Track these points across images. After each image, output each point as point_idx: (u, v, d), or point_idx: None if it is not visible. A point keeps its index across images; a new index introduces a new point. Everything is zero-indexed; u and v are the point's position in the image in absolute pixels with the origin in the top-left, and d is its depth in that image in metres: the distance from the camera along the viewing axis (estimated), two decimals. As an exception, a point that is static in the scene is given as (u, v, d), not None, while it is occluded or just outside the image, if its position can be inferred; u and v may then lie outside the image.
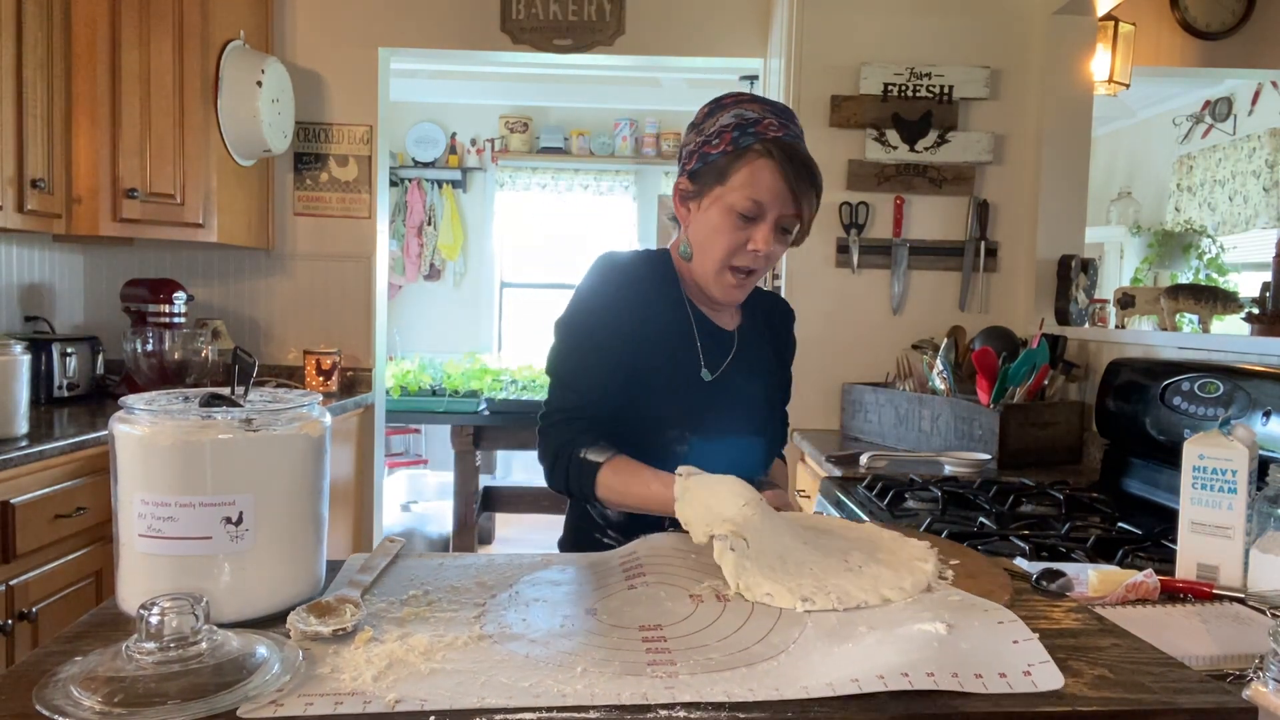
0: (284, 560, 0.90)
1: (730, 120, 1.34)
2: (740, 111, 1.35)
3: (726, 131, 1.33)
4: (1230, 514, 1.23)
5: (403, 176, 6.11)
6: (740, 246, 1.35)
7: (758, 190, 1.32)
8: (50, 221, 2.65)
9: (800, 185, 1.33)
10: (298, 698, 0.71)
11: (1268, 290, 2.23)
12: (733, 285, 1.38)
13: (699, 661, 0.79)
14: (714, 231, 1.36)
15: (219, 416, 0.87)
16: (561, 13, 3.33)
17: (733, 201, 1.33)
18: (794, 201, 1.33)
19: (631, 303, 1.38)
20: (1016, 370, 2.39)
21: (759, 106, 1.36)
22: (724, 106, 1.37)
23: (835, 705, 0.71)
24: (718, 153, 1.33)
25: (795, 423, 3.00)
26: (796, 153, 1.33)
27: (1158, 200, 5.42)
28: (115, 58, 2.74)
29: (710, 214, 1.36)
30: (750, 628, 0.86)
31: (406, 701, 0.70)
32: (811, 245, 2.97)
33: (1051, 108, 2.91)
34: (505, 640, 0.84)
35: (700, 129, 1.38)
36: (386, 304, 3.62)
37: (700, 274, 1.40)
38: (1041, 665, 0.76)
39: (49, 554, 2.13)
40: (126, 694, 0.69)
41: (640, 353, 1.37)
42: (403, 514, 4.91)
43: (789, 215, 1.34)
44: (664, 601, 0.93)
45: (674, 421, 1.38)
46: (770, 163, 1.31)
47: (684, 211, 1.41)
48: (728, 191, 1.33)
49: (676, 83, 5.38)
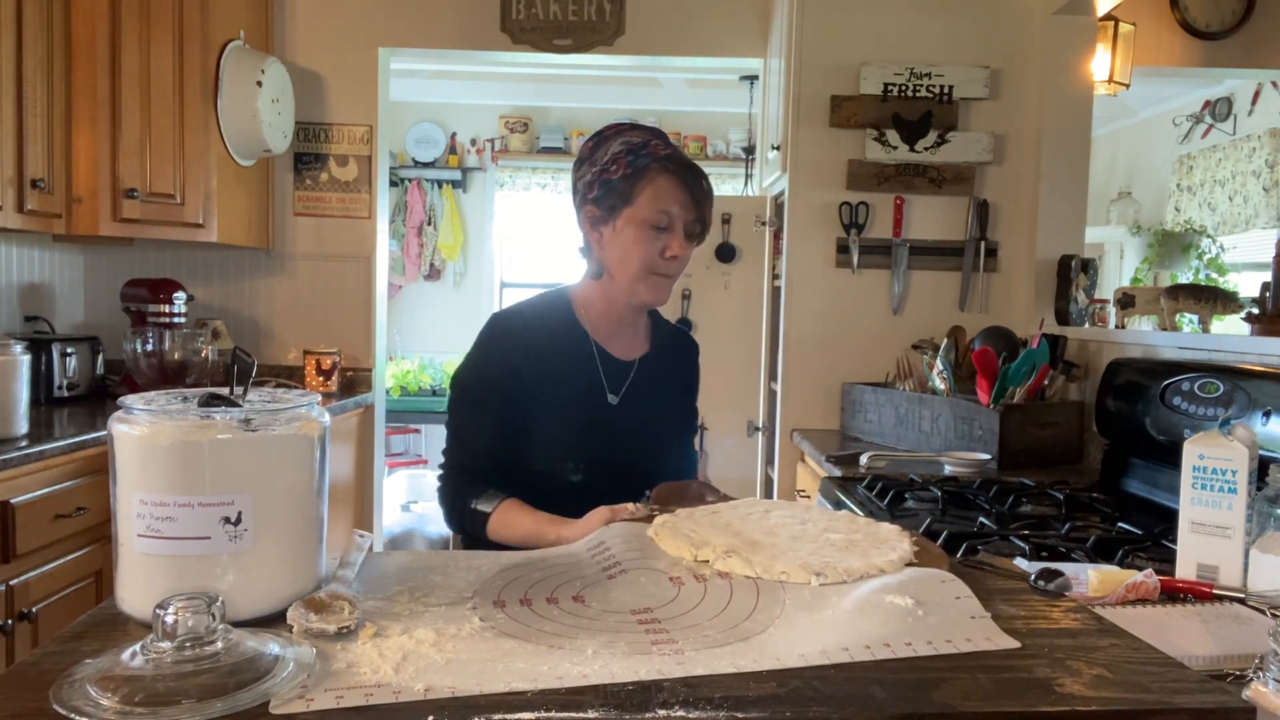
0: (283, 560, 0.90)
1: (620, 147, 1.49)
2: (626, 139, 1.50)
3: (620, 157, 1.48)
4: (1230, 514, 1.23)
5: (403, 176, 6.11)
6: (657, 255, 1.49)
7: (665, 201, 1.47)
8: (50, 221, 2.65)
9: (698, 191, 1.49)
10: (325, 692, 0.71)
11: (1268, 290, 2.23)
12: (658, 284, 1.52)
13: (698, 639, 0.83)
14: (631, 245, 1.49)
15: (218, 416, 0.87)
16: (561, 13, 3.33)
17: (645, 216, 1.47)
18: (696, 206, 1.49)
19: (525, 354, 1.51)
20: (1016, 370, 2.39)
21: (642, 132, 1.53)
22: (607, 138, 1.53)
23: (835, 705, 0.71)
24: (618, 176, 1.48)
25: (795, 422, 3.00)
26: (689, 164, 1.51)
27: (1158, 200, 5.42)
28: (115, 58, 2.74)
29: (625, 232, 1.49)
30: (735, 606, 0.91)
31: (436, 690, 0.71)
32: (812, 245, 2.98)
33: (1051, 108, 2.91)
34: (507, 630, 0.85)
35: (592, 160, 1.52)
36: (386, 304, 3.62)
37: (622, 284, 1.52)
38: (997, 635, 0.86)
39: (49, 554, 2.13)
40: (146, 693, 0.69)
41: (541, 393, 1.49)
42: (403, 514, 4.91)
43: (692, 220, 1.49)
44: (646, 586, 0.97)
45: (573, 450, 1.49)
46: (670, 177, 1.47)
47: (596, 235, 1.54)
48: (638, 209, 1.47)
49: (676, 83, 5.38)
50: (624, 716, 0.69)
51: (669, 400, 1.65)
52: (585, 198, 1.53)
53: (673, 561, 1.03)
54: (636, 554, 1.05)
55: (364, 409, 3.45)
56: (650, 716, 0.69)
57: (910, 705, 0.72)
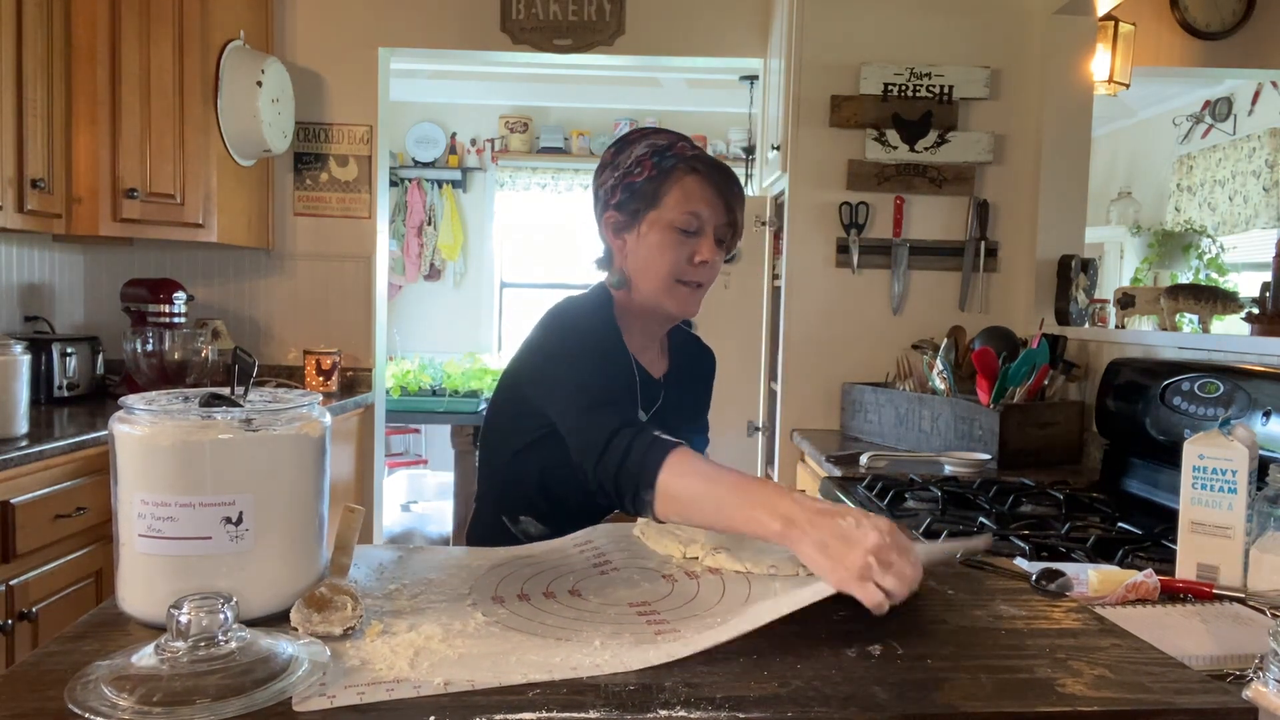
0: (284, 560, 0.90)
1: (645, 150, 1.40)
2: (651, 141, 1.41)
3: (644, 159, 1.39)
4: (1230, 514, 1.23)
5: (403, 176, 6.10)
6: (685, 261, 1.38)
7: (693, 203, 1.37)
8: (50, 221, 2.65)
9: (730, 193, 1.39)
10: (345, 689, 0.71)
11: (1268, 290, 2.23)
12: (687, 295, 1.41)
13: (700, 626, 0.84)
14: (657, 250, 1.38)
15: (219, 416, 0.87)
16: (561, 13, 3.33)
17: (672, 219, 1.37)
18: (727, 209, 1.39)
19: (617, 343, 1.40)
20: (1016, 370, 2.39)
21: (667, 135, 1.43)
22: (631, 141, 1.43)
23: (836, 705, 0.71)
24: (642, 179, 1.38)
25: (795, 422, 3.00)
26: (720, 165, 1.41)
27: (1158, 200, 5.42)
28: (115, 58, 2.74)
29: (650, 238, 1.39)
30: (730, 597, 0.92)
31: (455, 684, 0.72)
32: (812, 245, 2.98)
33: (1051, 108, 2.91)
34: (512, 624, 0.86)
35: (615, 165, 1.42)
36: (386, 304, 3.62)
37: (647, 295, 1.41)
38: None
39: (49, 554, 2.13)
40: (163, 693, 0.69)
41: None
42: (403, 514, 4.92)
43: (723, 225, 1.40)
44: (640, 583, 0.97)
45: None
46: (699, 177, 1.37)
47: (619, 243, 1.43)
48: (664, 212, 1.37)
49: (676, 83, 5.38)
50: (625, 716, 0.69)
51: (689, 419, 1.57)
52: (607, 204, 1.43)
53: (662, 560, 1.03)
54: (625, 553, 1.06)
55: (364, 409, 3.45)
56: (651, 716, 0.69)
57: (912, 705, 0.72)
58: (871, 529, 0.90)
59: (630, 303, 1.44)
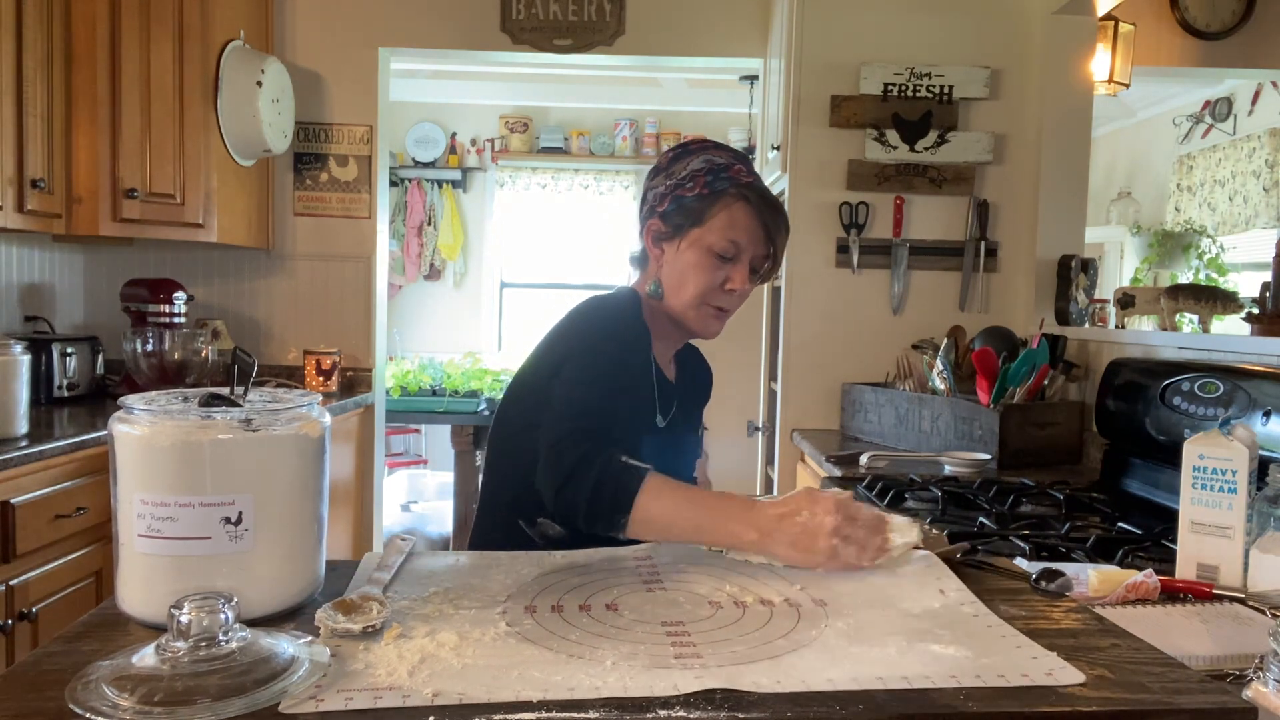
0: (284, 560, 0.90)
1: (701, 165, 1.39)
2: (709, 157, 1.40)
3: (699, 175, 1.38)
4: (1230, 514, 1.23)
5: (403, 176, 6.10)
6: (716, 286, 1.40)
7: (736, 231, 1.37)
8: (50, 221, 2.65)
9: (774, 226, 1.40)
10: (337, 693, 0.72)
11: (1268, 290, 2.23)
12: (711, 317, 1.43)
13: (725, 654, 0.81)
14: (691, 270, 1.39)
15: (219, 416, 0.87)
16: (561, 13, 3.33)
17: (711, 242, 1.38)
18: (767, 242, 1.40)
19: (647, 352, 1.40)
20: (1016, 370, 2.39)
21: (726, 154, 1.42)
22: (691, 152, 1.42)
23: (836, 705, 0.71)
24: (692, 195, 1.38)
25: (795, 422, 3.00)
26: (770, 197, 1.41)
27: (1158, 200, 5.42)
28: (115, 58, 2.74)
29: (688, 255, 1.40)
30: (772, 627, 0.89)
31: (444, 695, 0.71)
32: (812, 245, 2.98)
33: (1051, 108, 2.91)
34: (532, 635, 0.85)
35: (669, 172, 1.42)
36: (386, 304, 3.62)
37: (676, 309, 1.43)
38: (1061, 669, 0.79)
39: (49, 554, 2.13)
40: (164, 693, 0.69)
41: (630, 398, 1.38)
42: (403, 514, 4.92)
43: (760, 256, 1.41)
44: (683, 605, 0.95)
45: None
46: (747, 206, 1.38)
47: (656, 251, 1.44)
48: (706, 233, 1.38)
49: (676, 83, 5.38)
50: (625, 717, 0.69)
51: (691, 428, 1.60)
52: (654, 209, 1.43)
53: (714, 588, 1.01)
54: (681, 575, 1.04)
55: (364, 409, 3.45)
56: (651, 716, 0.69)
57: (912, 706, 0.72)
58: (824, 514, 1.04)
59: (658, 309, 1.46)
